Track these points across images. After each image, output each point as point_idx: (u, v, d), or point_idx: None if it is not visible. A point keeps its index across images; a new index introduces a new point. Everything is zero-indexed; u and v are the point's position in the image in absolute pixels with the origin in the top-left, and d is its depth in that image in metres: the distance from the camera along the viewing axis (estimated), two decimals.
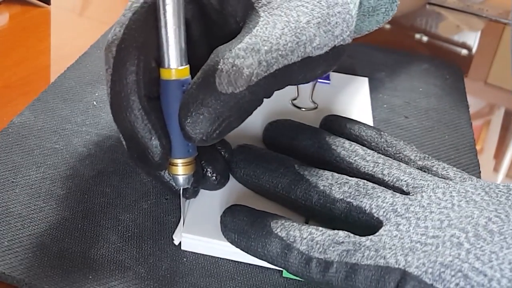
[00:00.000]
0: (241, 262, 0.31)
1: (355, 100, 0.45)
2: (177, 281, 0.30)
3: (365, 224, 0.30)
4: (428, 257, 0.26)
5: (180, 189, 0.32)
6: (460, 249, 0.26)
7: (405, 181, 0.31)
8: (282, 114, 0.40)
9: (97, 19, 0.59)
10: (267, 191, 0.33)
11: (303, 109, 0.43)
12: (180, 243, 0.32)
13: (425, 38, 0.60)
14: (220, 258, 0.32)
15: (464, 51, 0.59)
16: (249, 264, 0.31)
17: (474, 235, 0.27)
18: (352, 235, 0.28)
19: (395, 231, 0.28)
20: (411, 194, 0.30)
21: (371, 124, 0.42)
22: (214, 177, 0.33)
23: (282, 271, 0.31)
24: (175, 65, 0.29)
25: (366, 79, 0.48)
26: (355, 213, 0.30)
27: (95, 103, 0.43)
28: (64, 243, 0.32)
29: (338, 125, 0.38)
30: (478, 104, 0.50)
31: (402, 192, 0.31)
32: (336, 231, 0.28)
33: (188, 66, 0.30)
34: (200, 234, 0.31)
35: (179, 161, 0.30)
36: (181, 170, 0.30)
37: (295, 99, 0.44)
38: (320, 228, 0.29)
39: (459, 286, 0.25)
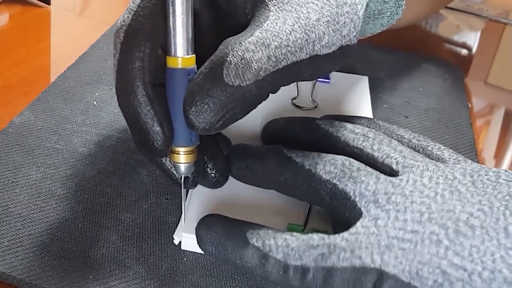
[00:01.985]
0: None
1: (355, 99, 0.45)
2: (177, 281, 0.30)
3: (348, 210, 0.30)
4: (405, 256, 0.26)
5: (181, 178, 0.32)
6: (439, 246, 0.26)
7: (395, 158, 0.31)
8: (282, 114, 0.40)
9: (97, 19, 0.59)
10: (260, 178, 0.33)
11: (303, 108, 0.43)
12: (180, 242, 0.32)
13: (425, 38, 0.60)
14: None
15: (464, 51, 0.59)
16: None
17: (454, 231, 0.26)
18: (326, 236, 0.28)
19: (373, 227, 0.28)
20: (399, 173, 0.30)
21: None
22: (213, 174, 0.33)
23: None
24: (181, 54, 0.29)
25: (366, 78, 0.47)
26: (340, 197, 0.30)
27: (95, 103, 0.43)
28: (64, 242, 0.32)
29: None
30: (478, 104, 0.50)
31: (391, 170, 0.31)
32: (310, 235, 0.28)
33: (194, 55, 0.30)
34: None
35: (181, 149, 0.30)
36: (183, 158, 0.30)
37: (295, 98, 0.44)
38: (295, 234, 0.29)
39: (437, 283, 0.24)
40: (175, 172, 0.32)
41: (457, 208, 0.27)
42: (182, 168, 0.31)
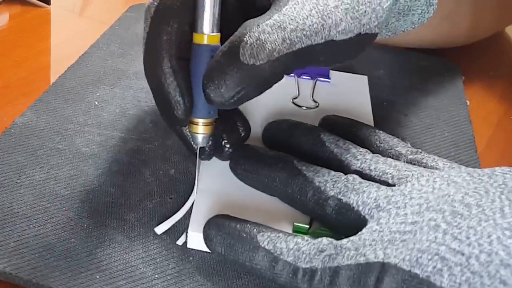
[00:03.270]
0: None
1: (355, 98, 0.45)
2: (184, 280, 0.30)
3: (354, 223, 0.30)
4: (406, 246, 0.26)
5: (197, 148, 0.34)
6: (437, 231, 0.26)
7: (390, 173, 0.32)
8: (283, 113, 0.41)
9: (97, 19, 0.59)
10: (266, 185, 0.34)
11: (304, 108, 0.43)
12: (185, 241, 0.32)
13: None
14: None
15: (463, 50, 0.59)
16: None
17: (451, 213, 0.27)
18: (335, 241, 0.28)
19: (376, 226, 0.28)
20: (396, 185, 0.31)
21: (371, 121, 0.42)
22: (226, 148, 0.35)
23: None
24: (207, 31, 0.31)
25: (365, 77, 0.48)
26: (344, 210, 0.31)
27: (96, 103, 0.43)
28: (70, 243, 0.32)
29: (335, 124, 0.38)
30: (477, 102, 0.50)
31: (388, 185, 0.31)
32: (320, 239, 0.29)
33: (219, 34, 0.32)
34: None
35: (200, 121, 0.32)
36: (201, 129, 0.32)
37: (296, 97, 0.44)
38: (306, 238, 0.29)
39: (436, 269, 0.25)
40: (193, 142, 0.34)
41: (452, 191, 0.28)
42: (200, 138, 0.33)
